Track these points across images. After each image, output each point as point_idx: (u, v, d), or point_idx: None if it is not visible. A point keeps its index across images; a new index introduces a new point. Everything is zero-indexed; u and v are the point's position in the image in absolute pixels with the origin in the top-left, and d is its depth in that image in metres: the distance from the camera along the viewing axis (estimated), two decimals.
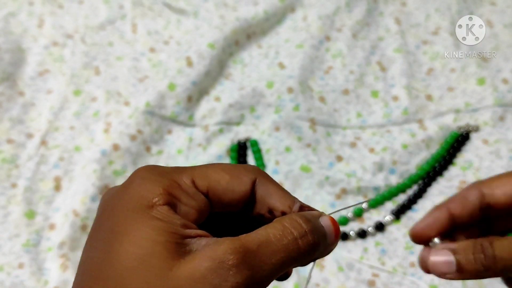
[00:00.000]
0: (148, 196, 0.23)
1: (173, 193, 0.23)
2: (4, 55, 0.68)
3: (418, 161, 0.62)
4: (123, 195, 0.24)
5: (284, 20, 0.75)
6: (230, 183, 0.25)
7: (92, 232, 0.24)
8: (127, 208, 0.23)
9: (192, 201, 0.24)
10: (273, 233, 0.23)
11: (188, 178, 0.24)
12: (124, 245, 0.22)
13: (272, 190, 0.26)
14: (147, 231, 0.22)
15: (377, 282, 0.53)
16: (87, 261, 0.23)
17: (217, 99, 0.67)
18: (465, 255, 0.27)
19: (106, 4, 0.76)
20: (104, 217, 0.24)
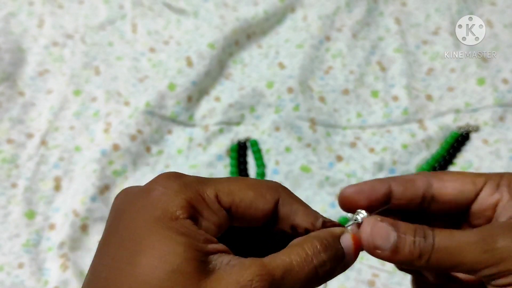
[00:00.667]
0: (171, 208, 0.23)
1: (196, 207, 0.23)
2: (4, 55, 0.68)
3: (418, 161, 0.62)
4: (144, 203, 0.23)
5: (284, 20, 0.75)
6: (254, 201, 0.25)
7: (109, 237, 0.24)
8: (150, 219, 0.22)
9: (214, 217, 0.24)
10: (295, 260, 0.23)
11: (212, 192, 0.24)
12: (150, 258, 0.21)
13: (295, 207, 0.26)
14: (174, 246, 0.21)
15: (377, 282, 0.53)
16: (104, 269, 0.23)
17: (217, 99, 0.68)
18: (405, 235, 0.25)
19: (106, 4, 0.76)
20: (123, 224, 0.23)
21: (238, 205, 0.24)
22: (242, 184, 0.25)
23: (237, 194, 0.25)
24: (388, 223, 0.26)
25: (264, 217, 0.25)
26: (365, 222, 0.26)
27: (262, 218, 0.25)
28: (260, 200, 0.25)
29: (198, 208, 0.23)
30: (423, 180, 0.28)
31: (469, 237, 0.25)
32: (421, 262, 0.25)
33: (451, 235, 0.25)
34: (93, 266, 0.24)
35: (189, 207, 0.23)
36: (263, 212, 0.25)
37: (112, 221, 0.25)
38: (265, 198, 0.25)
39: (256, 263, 0.22)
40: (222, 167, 0.62)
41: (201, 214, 0.23)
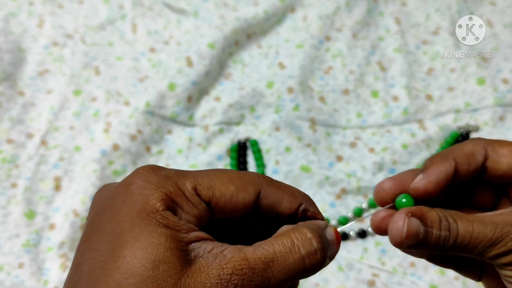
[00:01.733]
0: (151, 201, 0.23)
1: (175, 200, 0.23)
2: (4, 55, 0.68)
3: (418, 161, 0.62)
4: (124, 198, 0.23)
5: (284, 20, 0.75)
6: (235, 195, 0.25)
7: (91, 232, 0.24)
8: (131, 213, 0.23)
9: (194, 209, 0.24)
10: (279, 251, 0.23)
11: (191, 185, 0.24)
12: (132, 250, 0.21)
13: (278, 196, 0.26)
14: (156, 237, 0.22)
15: (377, 282, 0.53)
16: (87, 262, 0.23)
17: (217, 99, 0.68)
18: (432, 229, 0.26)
19: (106, 4, 0.76)
20: (105, 219, 0.23)
21: (219, 199, 0.24)
22: (223, 178, 0.25)
23: (218, 188, 0.25)
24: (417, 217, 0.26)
25: (245, 209, 0.25)
26: (397, 218, 0.26)
27: (243, 211, 0.25)
28: (241, 194, 0.25)
29: (177, 201, 0.23)
30: (482, 152, 0.28)
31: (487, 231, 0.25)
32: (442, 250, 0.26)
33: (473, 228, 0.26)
34: (74, 262, 0.24)
35: (168, 200, 0.23)
36: (244, 205, 0.25)
37: (93, 217, 0.25)
38: (247, 191, 0.25)
39: (238, 256, 0.22)
40: (222, 167, 0.62)
41: (181, 207, 0.23)
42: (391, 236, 0.26)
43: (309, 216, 0.27)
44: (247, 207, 0.25)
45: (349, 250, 0.56)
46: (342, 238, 0.56)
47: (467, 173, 0.28)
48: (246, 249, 0.23)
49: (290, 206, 0.26)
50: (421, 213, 0.26)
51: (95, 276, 0.22)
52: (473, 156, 0.28)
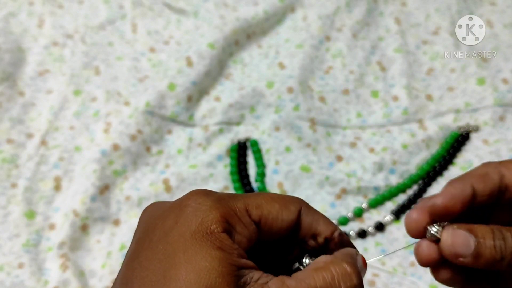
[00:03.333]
0: (206, 223, 0.23)
1: (229, 221, 0.24)
2: (4, 55, 0.68)
3: (418, 161, 0.62)
4: (177, 219, 0.24)
5: (284, 20, 0.75)
6: (280, 213, 0.26)
7: (140, 249, 0.24)
8: (185, 233, 0.23)
9: (246, 230, 0.24)
10: (321, 285, 0.23)
11: (243, 206, 0.25)
12: (185, 273, 0.22)
13: (316, 217, 0.27)
14: (209, 260, 0.22)
15: (377, 282, 0.53)
16: (137, 280, 0.23)
17: (217, 99, 0.68)
18: (485, 239, 0.26)
19: (106, 4, 0.76)
20: (157, 238, 0.24)
21: (267, 217, 0.25)
22: (267, 198, 0.26)
23: (265, 207, 0.25)
24: (465, 229, 0.26)
25: (289, 227, 0.26)
26: (445, 232, 0.27)
27: (287, 229, 0.26)
28: (285, 211, 0.26)
29: (232, 222, 0.24)
30: (496, 172, 0.28)
31: None
32: (503, 264, 0.26)
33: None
34: (123, 278, 0.24)
35: (224, 221, 0.23)
36: (288, 223, 0.26)
37: (143, 234, 0.25)
38: (289, 209, 0.26)
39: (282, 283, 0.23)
40: (222, 167, 0.62)
41: (234, 228, 0.24)
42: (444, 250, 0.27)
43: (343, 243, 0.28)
44: (291, 225, 0.26)
45: None
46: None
47: (485, 193, 0.28)
48: (289, 283, 0.23)
49: (326, 228, 0.27)
50: (470, 226, 0.26)
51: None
52: (488, 176, 0.28)
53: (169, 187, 0.60)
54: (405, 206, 0.58)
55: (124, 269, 0.24)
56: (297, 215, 0.26)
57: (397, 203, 0.59)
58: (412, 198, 0.58)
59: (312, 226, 0.27)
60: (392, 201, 0.59)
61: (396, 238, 0.56)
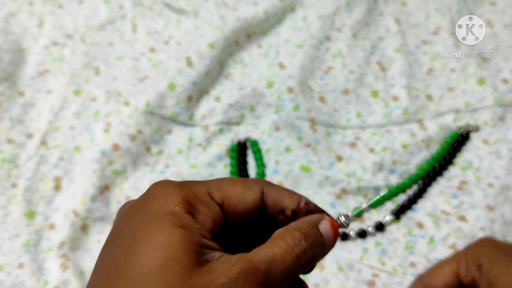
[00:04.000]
0: (168, 205, 0.24)
1: (191, 202, 0.25)
2: (4, 55, 0.68)
3: (418, 161, 0.62)
4: (143, 206, 0.25)
5: (284, 20, 0.75)
6: (242, 193, 0.27)
7: (109, 239, 0.25)
8: (148, 216, 0.24)
9: (208, 211, 0.25)
10: (278, 252, 0.25)
11: (204, 189, 0.26)
12: (146, 248, 0.23)
13: (279, 192, 0.28)
14: (169, 237, 0.23)
15: (377, 282, 0.53)
16: (103, 263, 0.24)
17: (217, 99, 0.68)
18: None
19: (106, 4, 0.76)
20: (123, 226, 0.25)
21: (229, 198, 0.26)
22: (229, 181, 0.28)
23: (227, 189, 0.27)
24: None
25: (254, 206, 0.27)
26: None
27: (253, 208, 0.27)
28: (248, 192, 0.27)
29: (193, 203, 0.25)
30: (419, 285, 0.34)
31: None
32: None
33: None
34: (94, 268, 0.25)
35: (185, 202, 0.24)
36: (252, 202, 0.27)
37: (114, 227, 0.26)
38: (252, 189, 0.27)
39: (243, 259, 0.24)
40: (222, 167, 0.62)
41: (197, 209, 0.25)
42: None
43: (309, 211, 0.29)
44: (255, 204, 0.27)
45: (349, 250, 0.56)
46: (342, 239, 0.56)
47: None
48: (249, 254, 0.24)
49: (292, 201, 0.28)
50: None
51: (111, 275, 0.23)
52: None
53: None
54: (405, 206, 0.58)
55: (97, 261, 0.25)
56: (260, 194, 0.27)
57: (397, 203, 0.59)
58: (412, 198, 0.58)
59: (278, 202, 0.28)
60: (392, 201, 0.59)
61: (396, 238, 0.56)
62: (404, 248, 0.55)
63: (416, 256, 0.54)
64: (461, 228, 0.55)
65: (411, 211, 0.58)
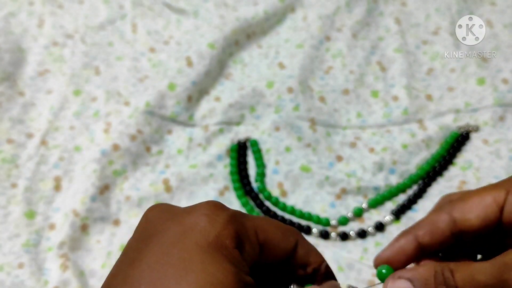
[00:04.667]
0: (223, 236, 0.24)
1: (241, 238, 0.25)
2: (4, 55, 0.68)
3: (418, 161, 0.62)
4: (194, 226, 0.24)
5: (284, 20, 0.75)
6: (281, 241, 0.28)
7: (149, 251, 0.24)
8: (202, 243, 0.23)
9: (252, 250, 0.25)
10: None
11: (253, 227, 0.26)
12: (198, 278, 0.22)
13: (309, 249, 0.29)
14: (224, 274, 0.22)
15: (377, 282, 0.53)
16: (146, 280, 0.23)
17: (217, 99, 0.68)
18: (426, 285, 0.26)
19: (106, 4, 0.76)
20: (170, 242, 0.24)
21: (270, 242, 0.27)
22: (273, 224, 0.28)
23: (271, 233, 0.27)
24: (406, 278, 0.27)
25: (286, 255, 0.28)
26: (386, 282, 0.29)
27: (285, 256, 0.28)
28: (285, 241, 0.28)
29: (243, 239, 0.25)
30: (444, 219, 0.29)
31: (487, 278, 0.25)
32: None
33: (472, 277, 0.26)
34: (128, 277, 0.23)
35: (237, 238, 0.24)
36: (286, 251, 0.28)
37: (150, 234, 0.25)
38: (289, 239, 0.28)
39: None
40: (222, 167, 0.62)
41: (244, 246, 0.25)
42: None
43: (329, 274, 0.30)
44: (287, 253, 0.28)
45: (349, 250, 0.56)
46: (342, 238, 0.56)
47: (433, 243, 0.29)
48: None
49: (316, 260, 0.29)
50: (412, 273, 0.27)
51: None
52: (435, 226, 0.29)
53: (169, 187, 0.60)
54: (405, 206, 0.58)
55: (128, 267, 0.24)
56: (294, 245, 0.28)
57: (397, 203, 0.59)
58: (412, 198, 0.58)
59: (305, 257, 0.29)
60: (392, 201, 0.59)
61: None
62: None
63: None
64: None
65: (411, 211, 0.58)
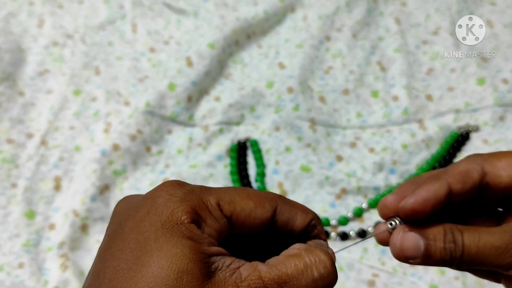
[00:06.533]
0: (177, 213, 0.23)
1: (199, 213, 0.24)
2: (4, 55, 0.68)
3: (418, 161, 0.62)
4: (149, 209, 0.24)
5: (284, 20, 0.75)
6: (253, 211, 0.26)
7: (113, 240, 0.24)
8: (156, 223, 0.23)
9: (216, 223, 0.25)
10: (292, 272, 0.24)
11: (214, 200, 0.25)
12: (157, 259, 0.22)
13: (292, 214, 0.27)
14: (180, 248, 0.22)
15: (377, 282, 0.53)
16: (109, 270, 0.23)
17: (217, 99, 0.67)
18: (435, 242, 0.26)
19: (106, 4, 0.76)
20: (128, 228, 0.24)
21: (239, 213, 0.25)
22: (243, 194, 0.26)
23: (238, 203, 0.26)
24: (416, 232, 0.26)
25: (262, 224, 0.26)
26: (394, 234, 0.27)
27: (261, 226, 0.26)
28: (259, 209, 0.26)
29: (202, 214, 0.24)
30: (478, 169, 0.27)
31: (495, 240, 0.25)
32: (452, 264, 0.26)
33: (479, 238, 0.26)
34: (95, 269, 0.24)
35: (193, 213, 0.24)
36: (262, 220, 0.26)
37: (115, 226, 0.25)
38: (264, 207, 0.26)
39: (253, 275, 0.23)
40: (222, 167, 0.62)
41: (204, 220, 0.24)
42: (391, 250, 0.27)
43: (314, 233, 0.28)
44: (264, 222, 0.26)
45: (349, 250, 0.56)
46: (342, 238, 0.56)
47: (463, 192, 0.27)
48: (261, 268, 0.23)
49: (302, 222, 0.27)
50: (420, 229, 0.26)
51: (118, 283, 0.22)
52: (468, 174, 0.27)
53: None
54: None
55: (97, 261, 0.24)
56: (271, 212, 0.26)
57: None
58: None
59: (288, 222, 0.27)
60: None
61: None
62: None
63: None
64: None
65: None
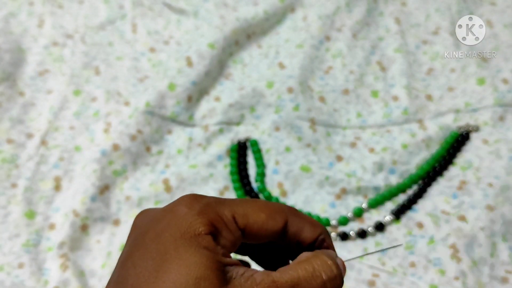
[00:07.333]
0: (195, 226, 0.25)
1: (216, 226, 0.26)
2: (4, 55, 0.68)
3: (418, 161, 0.62)
4: (169, 221, 0.26)
5: (284, 20, 0.75)
6: (265, 223, 0.28)
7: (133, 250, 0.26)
8: (176, 234, 0.25)
9: (231, 235, 0.26)
10: (303, 275, 0.25)
11: (230, 213, 0.27)
12: (177, 266, 0.23)
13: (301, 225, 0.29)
14: (198, 257, 0.24)
15: (377, 282, 0.53)
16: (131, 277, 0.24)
17: (217, 99, 0.68)
18: None
19: (106, 4, 0.76)
20: (148, 239, 0.26)
21: (252, 226, 0.27)
22: (255, 207, 0.28)
23: (251, 216, 0.28)
24: None
25: (273, 236, 0.28)
26: None
27: (272, 237, 0.28)
28: (271, 222, 0.28)
29: (218, 227, 0.26)
30: None
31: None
32: None
33: None
34: (118, 277, 0.25)
35: (210, 225, 0.25)
36: (273, 232, 0.28)
37: (136, 236, 0.27)
38: (275, 219, 0.28)
39: (267, 279, 0.24)
40: (222, 167, 0.62)
41: (220, 232, 0.26)
42: None
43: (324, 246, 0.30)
44: (276, 234, 0.28)
45: (349, 250, 0.56)
46: (342, 238, 0.56)
47: None
48: (274, 274, 0.25)
49: (311, 235, 0.29)
50: None
51: None
52: None
53: (169, 187, 0.60)
54: (405, 206, 0.58)
55: (118, 269, 0.26)
56: (282, 224, 0.28)
57: (397, 203, 0.59)
58: (412, 198, 0.58)
59: (297, 234, 0.29)
60: (392, 201, 0.59)
61: (396, 238, 0.56)
62: (404, 248, 0.55)
63: (416, 256, 0.54)
64: (461, 228, 0.55)
65: (411, 211, 0.58)
